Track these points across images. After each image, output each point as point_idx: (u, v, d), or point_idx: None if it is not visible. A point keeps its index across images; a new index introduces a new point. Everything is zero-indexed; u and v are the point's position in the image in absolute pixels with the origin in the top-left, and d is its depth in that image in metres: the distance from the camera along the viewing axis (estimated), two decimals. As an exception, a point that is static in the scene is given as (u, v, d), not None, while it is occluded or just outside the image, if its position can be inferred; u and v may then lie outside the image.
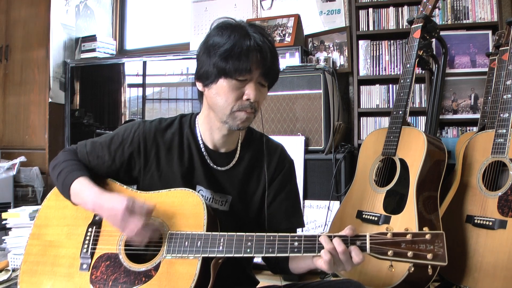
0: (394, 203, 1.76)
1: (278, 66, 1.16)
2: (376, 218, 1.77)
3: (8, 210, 2.52)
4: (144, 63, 3.37)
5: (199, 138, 1.22)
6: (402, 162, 1.81)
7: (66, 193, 1.15)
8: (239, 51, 1.05)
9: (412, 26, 2.05)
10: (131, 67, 3.46)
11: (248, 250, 1.01)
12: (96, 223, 1.16)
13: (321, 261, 0.97)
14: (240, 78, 1.08)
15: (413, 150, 1.79)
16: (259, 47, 1.07)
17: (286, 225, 1.24)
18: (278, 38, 2.90)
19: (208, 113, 1.19)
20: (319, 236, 0.98)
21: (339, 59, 2.87)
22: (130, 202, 1.05)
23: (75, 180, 1.13)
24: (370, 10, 2.76)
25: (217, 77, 1.09)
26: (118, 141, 1.20)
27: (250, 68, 1.07)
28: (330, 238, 0.98)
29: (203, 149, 1.22)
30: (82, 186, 1.13)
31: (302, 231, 1.43)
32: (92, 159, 1.21)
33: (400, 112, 1.90)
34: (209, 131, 1.21)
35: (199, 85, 1.17)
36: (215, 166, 1.22)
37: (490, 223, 1.64)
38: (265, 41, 1.09)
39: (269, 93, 1.23)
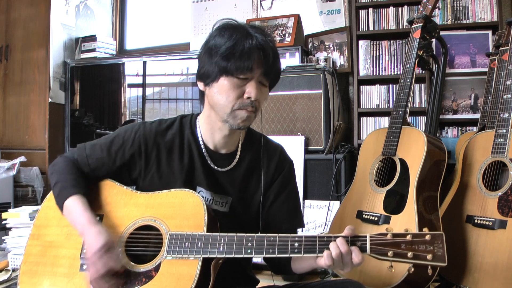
0: (394, 203, 1.76)
1: (279, 67, 1.17)
2: (376, 218, 1.77)
3: (8, 210, 2.52)
4: (144, 63, 3.37)
5: (200, 139, 1.22)
6: (402, 162, 1.81)
7: (59, 206, 1.15)
8: (241, 49, 1.06)
9: (412, 26, 2.05)
10: (131, 67, 3.46)
11: (249, 251, 1.01)
12: (96, 224, 1.15)
13: (322, 260, 0.97)
14: (241, 77, 1.09)
15: (413, 150, 1.79)
16: (261, 46, 1.08)
17: (287, 226, 1.24)
18: (278, 38, 2.90)
19: (209, 113, 1.19)
20: (328, 240, 0.98)
21: (339, 59, 2.87)
22: (105, 247, 1.03)
23: (70, 197, 1.12)
24: (370, 10, 2.76)
25: (218, 76, 1.10)
26: (118, 143, 1.20)
27: (252, 67, 1.07)
28: (331, 239, 0.98)
29: (203, 150, 1.22)
30: (74, 207, 1.12)
31: (302, 231, 1.43)
32: (91, 161, 1.20)
33: (400, 112, 1.90)
34: (210, 132, 1.21)
35: (200, 85, 1.17)
36: (215, 167, 1.22)
37: (490, 223, 1.64)
38: (267, 41, 1.10)
39: (269, 93, 1.24)
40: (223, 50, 1.07)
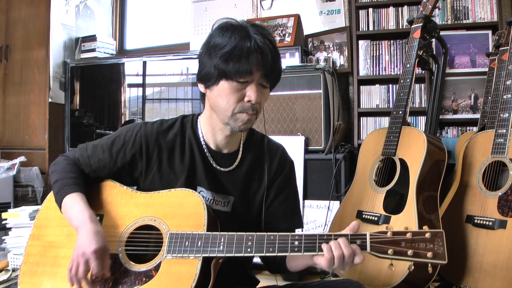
0: (394, 203, 1.76)
1: (279, 67, 1.15)
2: (376, 218, 1.77)
3: (8, 210, 2.52)
4: (144, 63, 3.37)
5: (202, 139, 1.22)
6: (402, 162, 1.81)
7: (58, 203, 1.15)
8: (240, 53, 1.05)
9: (412, 26, 2.05)
10: (131, 67, 3.46)
11: (249, 250, 1.01)
12: (96, 224, 1.16)
13: (322, 259, 0.97)
14: (241, 80, 1.08)
15: (413, 150, 1.79)
16: (260, 49, 1.07)
17: (286, 225, 1.24)
18: (278, 38, 2.90)
19: (210, 114, 1.19)
20: (328, 239, 0.98)
21: (339, 59, 2.87)
22: (99, 252, 1.03)
23: (69, 194, 1.13)
24: (370, 10, 2.76)
25: (218, 79, 1.09)
26: (119, 143, 1.20)
27: (251, 70, 1.06)
28: (331, 237, 0.98)
29: (205, 150, 1.22)
30: (74, 204, 1.12)
31: (302, 231, 1.43)
32: (93, 162, 1.20)
33: (400, 112, 1.90)
34: (211, 132, 1.21)
35: (201, 87, 1.16)
36: (217, 167, 1.22)
37: (490, 223, 1.64)
38: (266, 42, 1.09)
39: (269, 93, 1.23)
40: (222, 53, 1.06)
